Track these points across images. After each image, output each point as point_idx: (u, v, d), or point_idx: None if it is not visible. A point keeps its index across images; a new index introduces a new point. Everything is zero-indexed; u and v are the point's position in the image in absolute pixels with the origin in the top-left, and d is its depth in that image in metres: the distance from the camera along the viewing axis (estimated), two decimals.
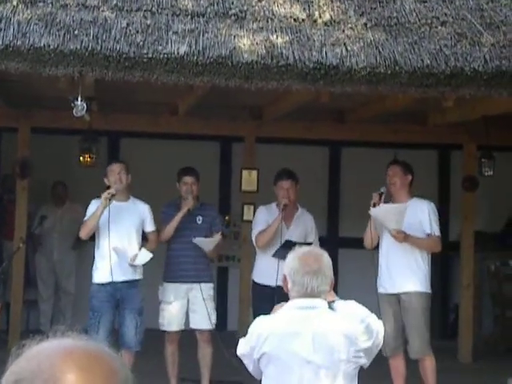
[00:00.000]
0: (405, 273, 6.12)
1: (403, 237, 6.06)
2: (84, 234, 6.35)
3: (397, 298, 6.14)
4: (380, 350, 3.37)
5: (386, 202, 6.24)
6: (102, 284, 6.23)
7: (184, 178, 6.66)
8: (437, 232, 6.21)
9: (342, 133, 8.58)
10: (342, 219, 9.77)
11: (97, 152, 8.38)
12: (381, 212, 6.11)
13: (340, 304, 3.36)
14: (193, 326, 6.60)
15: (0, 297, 6.46)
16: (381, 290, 6.17)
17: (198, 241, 6.53)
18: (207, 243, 6.57)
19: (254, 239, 6.70)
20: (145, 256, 6.26)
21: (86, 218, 6.33)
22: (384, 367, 6.06)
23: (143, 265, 6.35)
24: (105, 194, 6.19)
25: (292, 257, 3.33)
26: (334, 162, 10.03)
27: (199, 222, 6.65)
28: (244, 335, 3.45)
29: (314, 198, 7.29)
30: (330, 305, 3.33)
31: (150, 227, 6.50)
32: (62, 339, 1.15)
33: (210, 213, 6.81)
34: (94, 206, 6.30)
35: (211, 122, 8.19)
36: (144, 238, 6.55)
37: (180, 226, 6.57)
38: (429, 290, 6.21)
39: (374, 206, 6.13)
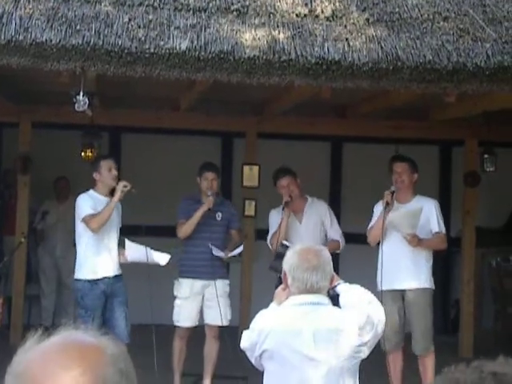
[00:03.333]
0: (410, 269, 6.10)
1: (417, 241, 6.05)
2: (99, 226, 6.07)
3: (401, 294, 6.13)
4: (379, 345, 3.37)
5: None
6: (95, 280, 6.14)
7: (205, 173, 6.63)
8: (444, 230, 6.24)
9: (343, 128, 8.58)
10: (343, 215, 9.76)
11: (98, 147, 8.39)
12: (398, 217, 6.06)
13: (344, 287, 3.36)
14: (206, 321, 6.59)
15: (1, 291, 6.46)
16: (384, 286, 6.06)
17: (216, 251, 6.53)
18: (223, 255, 6.57)
19: (269, 244, 6.67)
20: (165, 257, 6.27)
21: (89, 212, 6.12)
22: (382, 363, 6.07)
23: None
24: (121, 187, 6.09)
25: (291, 253, 3.34)
26: (336, 158, 10.03)
27: (218, 219, 6.61)
28: (246, 328, 3.46)
29: (315, 194, 7.28)
30: (334, 289, 3.34)
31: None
32: (57, 335, 1.14)
33: (228, 209, 6.77)
34: (88, 201, 6.19)
35: (213, 117, 8.18)
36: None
37: (199, 221, 6.53)
38: (432, 286, 6.21)
39: (388, 204, 6.07)
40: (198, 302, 6.52)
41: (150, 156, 9.48)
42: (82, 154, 8.35)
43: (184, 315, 6.49)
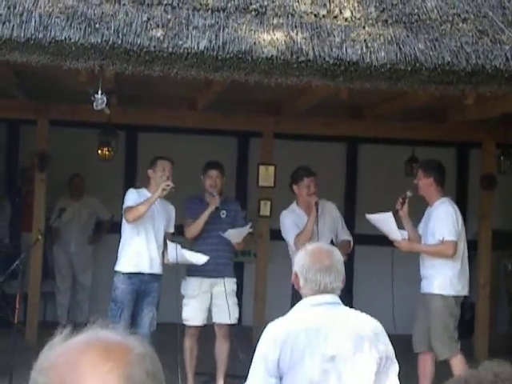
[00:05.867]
0: (430, 274, 6.08)
1: (406, 246, 6.07)
2: (134, 217, 6.14)
3: (425, 297, 6.14)
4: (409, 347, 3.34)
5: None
6: (129, 274, 6.18)
7: (209, 171, 6.66)
8: (446, 236, 6.01)
9: (360, 129, 8.56)
10: (358, 216, 9.73)
11: (115, 146, 8.43)
12: (373, 221, 6.15)
13: None
14: (214, 320, 6.60)
15: (18, 288, 6.48)
16: (420, 289, 6.19)
17: (228, 234, 6.45)
18: (236, 235, 6.49)
19: (292, 245, 6.45)
20: (202, 258, 6.28)
21: (130, 204, 6.20)
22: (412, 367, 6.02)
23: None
24: (163, 185, 6.18)
25: (303, 253, 3.29)
26: (352, 159, 10.01)
27: (223, 217, 6.61)
28: (258, 329, 3.39)
29: (331, 195, 7.26)
30: None
31: (171, 228, 6.49)
32: (84, 333, 1.14)
33: (234, 207, 6.77)
34: (133, 194, 6.28)
35: (229, 117, 8.19)
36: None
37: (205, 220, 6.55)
38: (451, 293, 6.07)
39: (397, 212, 6.06)
40: (205, 300, 6.52)
41: (166, 155, 9.48)
42: (99, 152, 8.39)
43: (193, 314, 6.50)
